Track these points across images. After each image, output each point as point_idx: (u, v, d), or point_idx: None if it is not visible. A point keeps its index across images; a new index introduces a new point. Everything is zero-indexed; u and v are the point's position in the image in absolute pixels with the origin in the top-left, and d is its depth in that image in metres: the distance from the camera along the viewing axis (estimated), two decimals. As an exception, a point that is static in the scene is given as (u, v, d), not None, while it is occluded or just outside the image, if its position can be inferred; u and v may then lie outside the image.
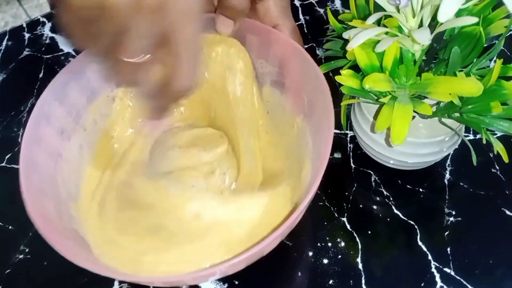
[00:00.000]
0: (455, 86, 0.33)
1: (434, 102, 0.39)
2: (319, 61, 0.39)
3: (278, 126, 0.43)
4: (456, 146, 0.41)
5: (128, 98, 0.44)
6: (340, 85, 0.37)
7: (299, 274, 0.40)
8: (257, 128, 0.44)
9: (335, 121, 0.34)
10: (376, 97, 0.38)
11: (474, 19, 0.30)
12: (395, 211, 0.43)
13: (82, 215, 0.38)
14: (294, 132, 0.41)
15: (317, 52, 0.57)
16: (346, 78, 0.36)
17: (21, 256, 0.42)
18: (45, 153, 0.36)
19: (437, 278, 0.39)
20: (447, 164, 0.46)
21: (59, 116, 0.38)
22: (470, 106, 0.36)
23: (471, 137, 0.48)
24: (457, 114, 0.38)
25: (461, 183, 0.44)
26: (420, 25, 0.35)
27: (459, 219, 0.42)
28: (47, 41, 0.60)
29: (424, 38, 0.30)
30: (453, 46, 0.35)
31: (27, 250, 0.42)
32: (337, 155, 0.47)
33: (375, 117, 0.40)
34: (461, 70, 0.37)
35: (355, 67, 0.38)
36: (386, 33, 0.35)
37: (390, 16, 0.35)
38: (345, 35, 0.36)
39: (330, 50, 0.42)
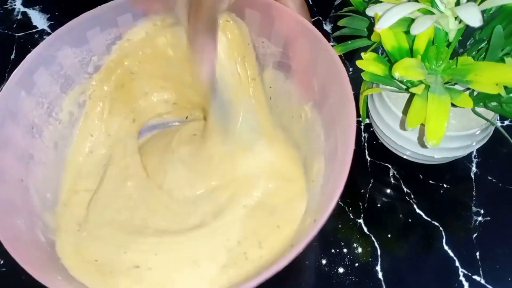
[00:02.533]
0: (505, 75, 0.27)
1: (463, 88, 0.34)
2: (327, 38, 0.33)
3: (282, 116, 0.38)
4: (485, 141, 0.37)
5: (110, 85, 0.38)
6: (356, 70, 0.31)
7: (312, 286, 0.35)
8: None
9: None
10: (403, 85, 0.32)
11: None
12: (417, 210, 0.38)
13: (61, 225, 0.33)
14: (302, 123, 0.36)
15: (325, 27, 0.51)
16: (368, 63, 0.31)
17: (-6, 269, 0.37)
18: (13, 156, 0.31)
19: (466, 287, 0.35)
20: (473, 156, 0.41)
21: (27, 109, 0.32)
22: (512, 95, 0.31)
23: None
24: (494, 103, 0.33)
25: (489, 177, 0.40)
26: (457, 2, 0.30)
27: (488, 218, 0.38)
28: (19, 16, 0.54)
29: (474, 18, 0.24)
30: (494, 25, 0.30)
31: (1, 262, 0.37)
32: (349, 146, 0.42)
33: (404, 112, 0.34)
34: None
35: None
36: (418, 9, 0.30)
37: (423, -11, 0.30)
38: (370, 11, 0.30)
39: (346, 28, 0.36)
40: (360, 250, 0.37)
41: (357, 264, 0.36)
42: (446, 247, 0.37)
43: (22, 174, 0.31)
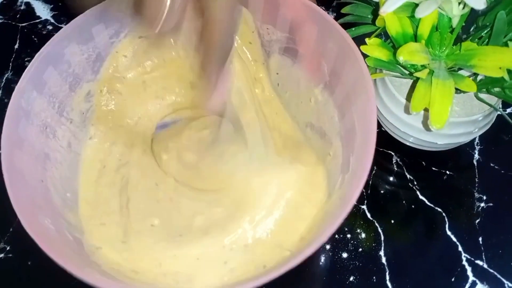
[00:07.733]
0: (508, 59, 0.28)
1: (467, 74, 0.34)
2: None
3: (290, 102, 0.38)
4: (488, 127, 0.37)
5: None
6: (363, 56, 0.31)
7: (316, 270, 0.36)
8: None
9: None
10: (406, 71, 0.33)
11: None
12: (420, 196, 0.39)
13: (84, 224, 0.33)
14: (311, 107, 0.36)
15: (327, 17, 0.51)
16: (373, 48, 0.31)
17: (1, 255, 0.37)
18: (30, 157, 0.30)
19: (469, 272, 0.35)
20: (475, 143, 0.41)
21: (39, 109, 0.32)
22: (516, 80, 0.31)
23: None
24: (497, 89, 0.33)
25: (491, 164, 0.40)
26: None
27: (491, 204, 0.38)
28: (22, 7, 0.54)
29: (479, 0, 0.24)
30: (497, 11, 0.30)
31: (8, 248, 0.37)
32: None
33: (408, 98, 0.34)
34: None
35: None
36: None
37: (427, -26, 0.30)
38: (374, -3, 0.30)
39: (350, 15, 0.36)
40: (363, 235, 0.37)
41: (360, 250, 0.36)
42: (449, 233, 0.37)
43: (41, 175, 0.31)
